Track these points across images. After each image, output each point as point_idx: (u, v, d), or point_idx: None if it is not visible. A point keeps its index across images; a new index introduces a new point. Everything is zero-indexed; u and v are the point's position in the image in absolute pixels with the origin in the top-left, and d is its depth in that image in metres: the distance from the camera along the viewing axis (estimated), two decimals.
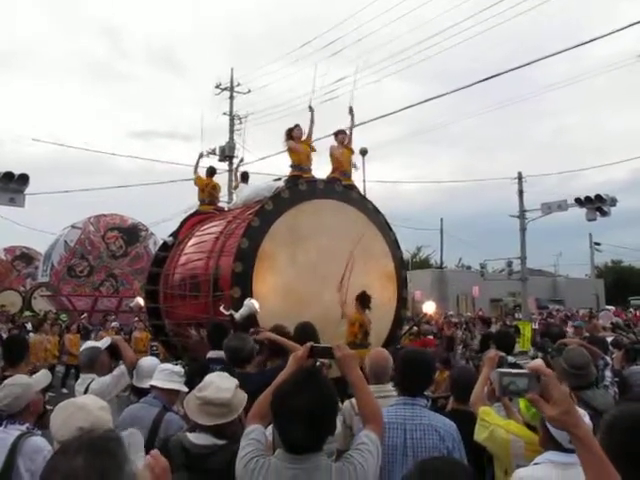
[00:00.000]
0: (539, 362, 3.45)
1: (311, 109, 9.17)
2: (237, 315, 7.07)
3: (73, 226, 24.38)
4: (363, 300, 7.79)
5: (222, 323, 6.36)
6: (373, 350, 4.62)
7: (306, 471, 2.21)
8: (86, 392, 4.44)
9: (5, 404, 3.42)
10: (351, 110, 9.50)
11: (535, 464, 2.67)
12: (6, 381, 3.58)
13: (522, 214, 24.18)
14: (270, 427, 3.38)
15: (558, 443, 2.61)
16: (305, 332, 4.96)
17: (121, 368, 4.63)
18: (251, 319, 7.09)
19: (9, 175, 13.29)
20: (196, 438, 2.89)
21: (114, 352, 5.04)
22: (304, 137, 8.89)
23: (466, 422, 3.42)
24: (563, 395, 1.57)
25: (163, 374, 4.03)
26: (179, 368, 4.21)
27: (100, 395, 3.77)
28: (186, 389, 4.06)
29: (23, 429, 3.35)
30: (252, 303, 7.08)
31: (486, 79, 13.26)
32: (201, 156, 11.70)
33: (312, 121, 9.05)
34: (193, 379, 4.28)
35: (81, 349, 5.08)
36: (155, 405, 3.90)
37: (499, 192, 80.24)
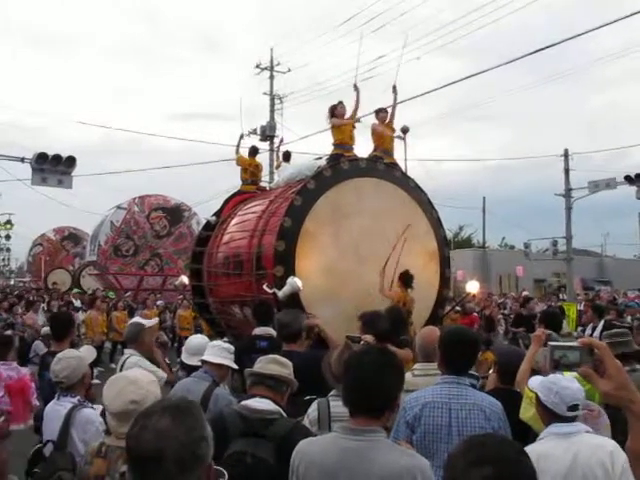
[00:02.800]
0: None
1: (356, 88, 9.03)
2: (280, 293, 7.14)
3: (118, 207, 24.90)
4: (406, 279, 7.78)
5: (267, 301, 6.44)
6: (424, 328, 4.61)
7: (366, 444, 2.24)
8: (122, 368, 4.57)
9: (64, 376, 3.56)
10: (394, 88, 9.37)
11: (540, 439, 2.74)
12: (59, 355, 3.72)
13: (568, 192, 23.61)
14: (315, 404, 3.43)
15: (557, 414, 2.69)
16: (396, 315, 5.08)
17: (160, 375, 4.53)
18: (294, 297, 7.15)
19: (57, 158, 13.64)
20: (256, 403, 2.94)
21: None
22: (347, 115, 8.81)
23: (509, 401, 3.40)
24: (618, 369, 1.53)
25: (215, 349, 4.09)
26: (229, 345, 4.26)
27: None
28: (236, 366, 4.14)
29: (75, 401, 3.49)
30: (295, 281, 7.13)
31: (534, 52, 12.86)
32: (242, 137, 11.62)
33: (357, 100, 8.91)
34: (241, 355, 4.37)
35: (127, 324, 5.25)
36: (205, 379, 3.97)
37: (545, 170, 78.34)
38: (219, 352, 4.07)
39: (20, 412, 5.03)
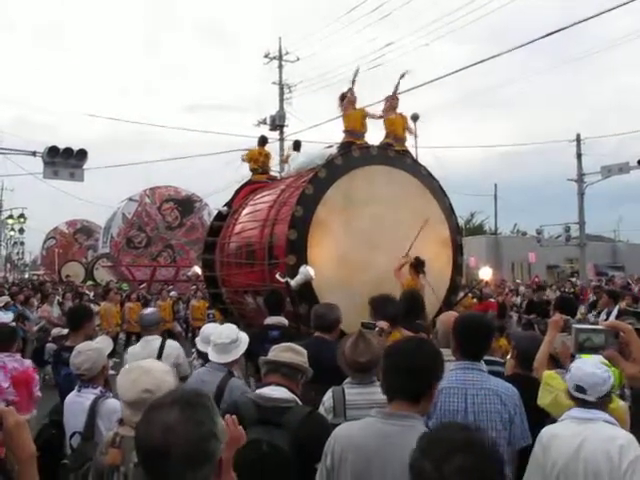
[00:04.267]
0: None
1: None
2: (293, 282, 7.13)
3: (130, 199, 25.00)
4: (417, 265, 7.75)
5: (279, 290, 6.44)
6: (444, 314, 4.55)
7: (402, 429, 2.26)
8: (162, 349, 4.79)
9: (85, 368, 3.60)
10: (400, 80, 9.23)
11: (561, 420, 2.76)
12: (78, 348, 3.74)
13: (580, 178, 23.48)
14: (330, 392, 3.42)
15: (572, 396, 2.71)
16: (411, 298, 5.04)
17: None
18: (307, 286, 7.15)
19: (69, 151, 13.69)
20: (271, 391, 2.95)
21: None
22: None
23: (526, 387, 3.37)
24: None
25: (218, 347, 4.02)
26: (230, 332, 4.12)
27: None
28: (238, 355, 4.09)
29: (97, 392, 3.52)
30: (307, 270, 7.13)
31: (543, 37, 12.71)
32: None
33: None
34: (251, 345, 4.35)
35: (144, 312, 5.34)
36: (220, 370, 3.97)
37: (557, 155, 77.58)
38: (220, 350, 4.00)
39: (24, 403, 5.10)
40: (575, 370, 2.72)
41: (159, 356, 4.85)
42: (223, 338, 4.04)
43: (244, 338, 4.14)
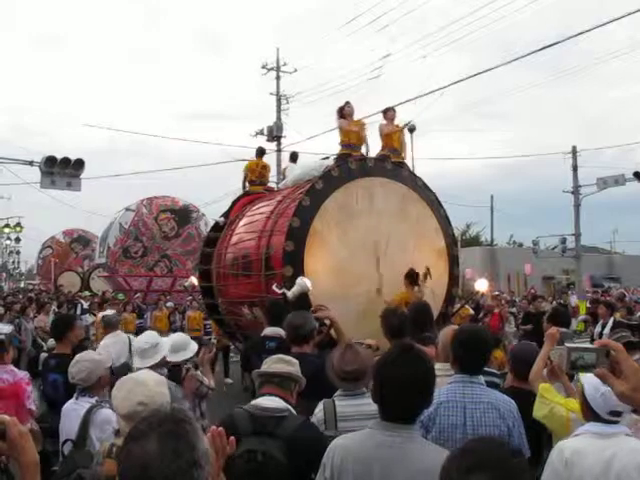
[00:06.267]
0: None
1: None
2: (289, 294, 7.14)
3: (127, 209, 24.95)
4: (411, 277, 7.76)
5: (279, 301, 6.45)
6: (446, 328, 4.52)
7: (401, 439, 2.27)
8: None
9: (80, 378, 3.68)
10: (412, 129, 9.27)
11: (576, 435, 2.71)
12: (77, 357, 3.84)
13: (576, 189, 23.55)
14: (321, 404, 3.42)
15: (597, 414, 2.66)
16: (418, 311, 5.05)
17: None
18: (303, 297, 7.16)
19: (66, 161, 13.68)
20: (266, 401, 2.96)
21: None
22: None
23: (524, 400, 3.38)
24: (634, 370, 1.52)
25: (138, 354, 4.27)
26: (148, 340, 4.33)
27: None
28: (158, 359, 4.24)
29: (93, 401, 3.57)
30: (304, 281, 7.13)
31: (543, 48, 12.82)
32: (246, 177, 11.21)
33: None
34: (250, 355, 4.37)
35: (105, 313, 5.55)
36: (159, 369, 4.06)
37: (553, 167, 77.95)
38: (143, 355, 4.22)
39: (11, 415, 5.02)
40: (612, 394, 2.67)
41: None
42: (141, 344, 4.29)
43: (164, 343, 4.38)
